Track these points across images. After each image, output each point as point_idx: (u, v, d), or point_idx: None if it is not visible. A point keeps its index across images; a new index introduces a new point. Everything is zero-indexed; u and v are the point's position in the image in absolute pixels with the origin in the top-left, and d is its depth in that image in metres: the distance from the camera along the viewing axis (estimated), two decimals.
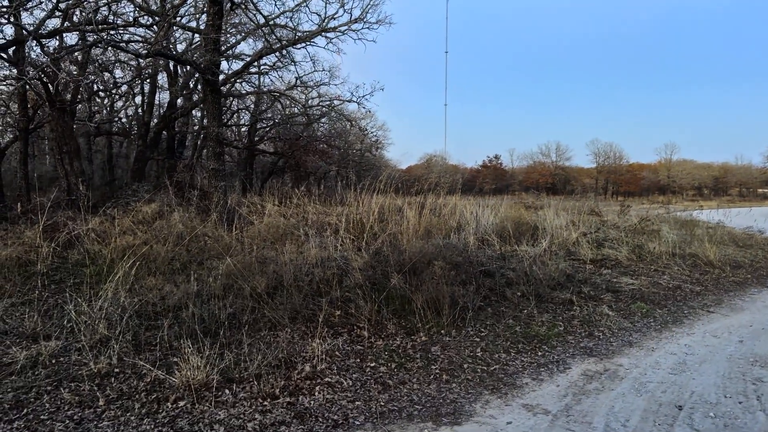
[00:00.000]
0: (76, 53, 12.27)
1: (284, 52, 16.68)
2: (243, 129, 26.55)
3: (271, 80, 21.09)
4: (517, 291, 6.92)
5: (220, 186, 9.57)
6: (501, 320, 6.09)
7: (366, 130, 24.32)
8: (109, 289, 5.49)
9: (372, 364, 4.78)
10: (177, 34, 17.13)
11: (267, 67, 19.12)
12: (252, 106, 24.45)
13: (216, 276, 5.50)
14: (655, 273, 8.90)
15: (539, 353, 5.37)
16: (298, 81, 19.06)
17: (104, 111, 21.19)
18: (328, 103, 20.07)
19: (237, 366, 4.49)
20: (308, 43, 15.13)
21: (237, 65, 16.45)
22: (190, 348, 4.44)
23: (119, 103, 22.10)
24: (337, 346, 5.04)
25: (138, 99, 20.65)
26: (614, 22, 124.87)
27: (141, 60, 13.45)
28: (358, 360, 4.85)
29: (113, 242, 6.46)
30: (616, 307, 7.07)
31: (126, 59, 17.71)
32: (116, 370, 4.44)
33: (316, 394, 4.19)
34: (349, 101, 17.31)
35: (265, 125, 25.98)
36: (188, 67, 16.35)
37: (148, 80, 18.79)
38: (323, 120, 26.29)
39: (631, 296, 7.53)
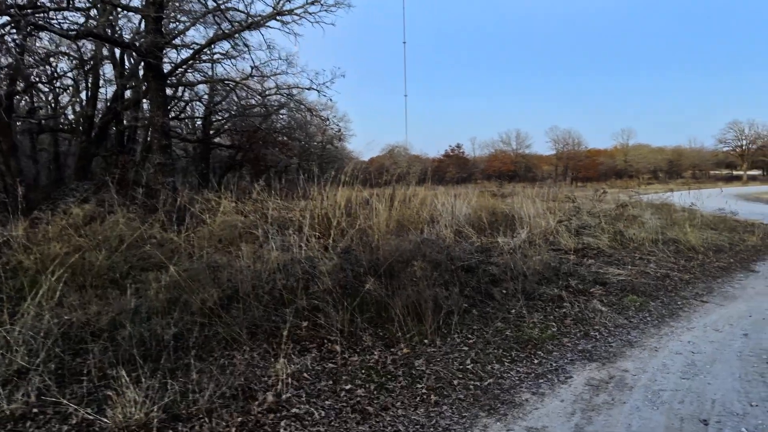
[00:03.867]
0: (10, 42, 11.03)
1: (237, 38, 15.68)
2: (198, 121, 25.31)
3: (225, 69, 19.94)
4: (502, 289, 6.30)
5: (168, 182, 8.65)
6: (489, 324, 5.44)
7: (327, 119, 23.38)
8: (30, 308, 4.59)
9: (347, 387, 4.05)
10: (122, 21, 15.90)
11: (220, 55, 18.04)
12: (206, 96, 23.22)
13: (158, 288, 4.65)
14: (640, 261, 8.44)
15: (535, 360, 4.75)
16: (255, 70, 18.05)
17: (48, 106, 19.65)
18: (286, 92, 19.08)
19: (184, 399, 3.69)
20: (263, 26, 14.16)
21: (189, 54, 15.33)
22: (125, 378, 3.63)
23: (67, 99, 20.53)
24: (305, 366, 4.28)
25: (85, 93, 19.19)
26: (571, 8, 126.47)
27: (76, 45, 12.23)
28: (331, 382, 4.10)
29: (37, 250, 5.51)
30: (607, 301, 6.53)
31: (67, 50, 16.38)
32: (34, 410, 3.58)
33: (282, 431, 3.44)
34: (308, 89, 16.42)
35: (221, 117, 24.79)
36: (134, 55, 15.17)
37: (90, 71, 17.44)
38: (283, 111, 25.27)
39: (620, 288, 7.01)
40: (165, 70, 16.28)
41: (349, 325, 4.86)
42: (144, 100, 17.26)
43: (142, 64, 13.51)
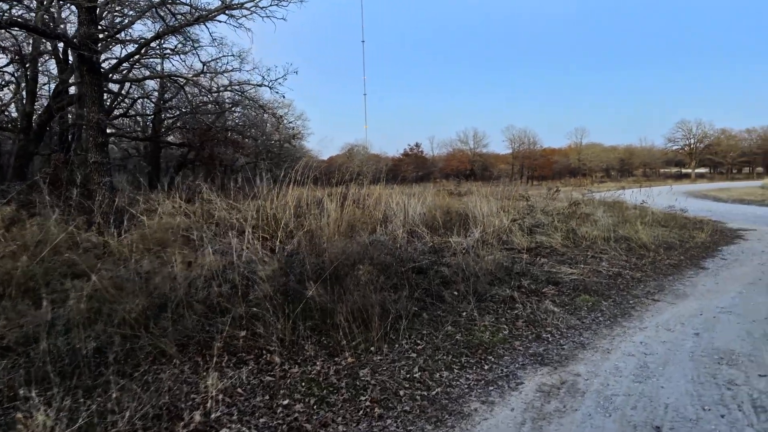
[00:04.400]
0: None
1: (186, 33, 15.13)
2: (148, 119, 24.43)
3: (173, 66, 19.20)
4: (454, 290, 6.11)
5: (104, 182, 8.13)
6: (440, 327, 5.23)
7: (282, 117, 22.89)
8: None
9: (285, 402, 3.75)
10: (66, 13, 15.10)
11: (170, 51, 17.39)
12: (155, 93, 22.41)
13: (79, 298, 4.25)
14: (592, 260, 8.42)
15: (486, 366, 4.56)
16: (206, 66, 17.48)
17: None
18: (238, 89, 18.54)
19: (102, 421, 3.34)
20: (211, 20, 13.64)
21: (134, 49, 14.67)
22: (36, 399, 3.24)
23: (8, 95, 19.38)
24: (239, 381, 3.96)
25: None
26: (526, 8, 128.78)
27: (15, 39, 11.49)
28: (267, 397, 3.80)
29: None
30: (560, 301, 6.42)
31: (3, 43, 15.47)
32: None
33: None
34: (259, 85, 15.95)
35: (171, 115, 23.99)
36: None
37: (28, 66, 16.52)
38: (237, 109, 24.66)
39: (573, 287, 6.93)
40: (109, 65, 15.58)
41: (290, 333, 4.57)
42: None
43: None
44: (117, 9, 13.14)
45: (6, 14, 7.52)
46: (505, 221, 9.73)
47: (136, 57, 16.05)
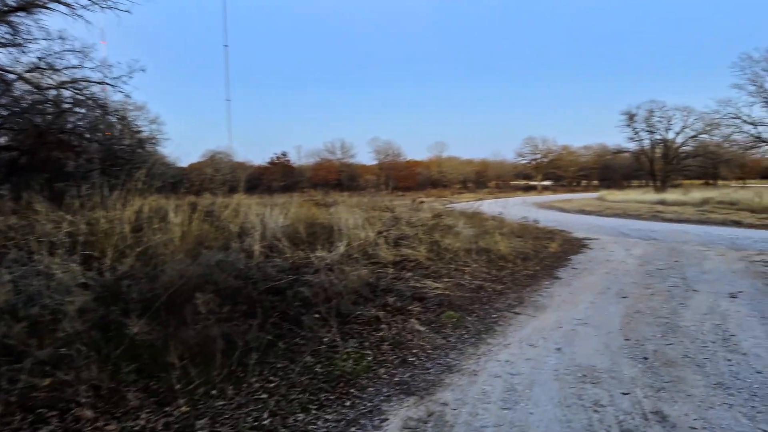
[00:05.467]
0: None
1: (12, 22, 13.07)
2: None
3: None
4: (315, 313, 5.55)
5: None
6: (297, 358, 4.62)
7: (127, 118, 20.79)
8: None
9: None
10: None
11: None
12: None
13: None
14: (456, 272, 8.33)
15: (347, 402, 4.05)
16: (42, 62, 15.29)
17: None
18: (76, 86, 16.43)
19: None
20: (40, 8, 11.88)
21: None
22: None
23: None
24: None
25: None
26: (392, 21, 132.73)
27: None
28: None
29: None
30: (425, 318, 6.14)
31: None
32: None
33: None
34: (99, 83, 14.22)
35: None
36: None
37: None
38: (79, 109, 21.98)
39: (438, 303, 6.70)
40: None
41: (108, 380, 3.70)
42: None
43: None
44: None
45: None
46: (370, 234, 9.38)
47: None
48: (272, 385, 4.13)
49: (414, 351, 5.20)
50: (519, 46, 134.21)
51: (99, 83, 14.26)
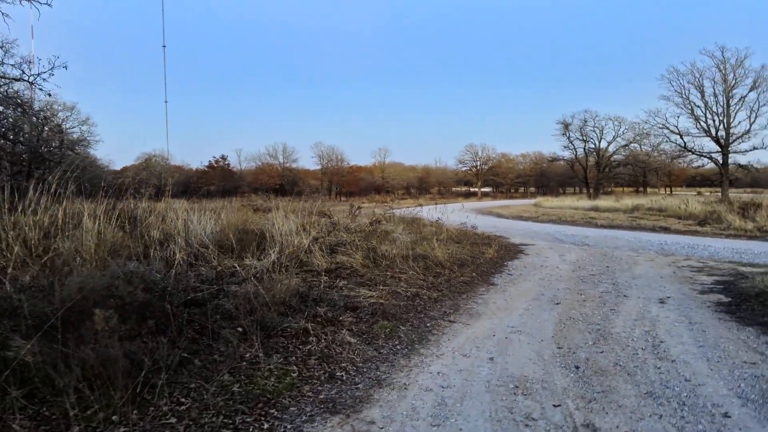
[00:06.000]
0: None
1: None
2: None
3: None
4: (238, 326, 5.20)
5: None
6: (213, 377, 4.27)
7: (49, 119, 19.57)
8: None
9: None
10: None
11: None
12: None
13: None
14: (392, 280, 8.14)
15: (265, 425, 3.73)
16: None
17: None
18: None
19: None
20: None
21: None
22: None
23: None
24: None
25: None
26: (336, 27, 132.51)
27: None
28: None
29: None
30: (357, 329, 5.90)
31: None
32: None
33: None
34: (17, 80, 13.21)
35: None
36: None
37: None
38: None
39: (372, 312, 6.47)
40: None
41: None
42: None
43: None
44: None
45: None
46: (305, 240, 9.06)
47: None
48: (183, 407, 3.76)
49: (343, 365, 4.94)
50: (462, 56, 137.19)
51: (16, 80, 13.21)
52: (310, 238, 9.45)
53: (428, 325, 6.42)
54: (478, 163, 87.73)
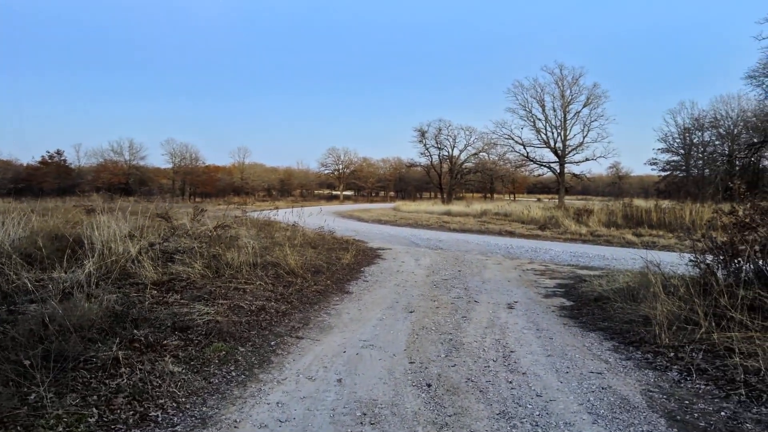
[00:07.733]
0: None
1: None
2: None
3: None
4: (24, 358, 4.10)
5: None
6: None
7: None
8: None
9: None
10: None
11: None
12: None
13: None
14: (235, 292, 7.28)
15: None
16: None
17: None
18: None
19: None
20: None
21: None
22: None
23: None
24: None
25: None
26: (193, 26, 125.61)
27: None
28: None
29: None
30: (185, 355, 5.01)
31: None
32: None
33: None
34: None
35: None
36: None
37: None
38: None
39: (206, 333, 5.59)
40: None
41: None
42: None
43: None
44: None
45: None
46: (133, 248, 7.86)
47: None
48: None
49: (160, 401, 4.06)
50: (325, 60, 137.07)
51: None
52: (141, 245, 8.26)
53: (272, 343, 5.71)
54: (341, 166, 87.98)
